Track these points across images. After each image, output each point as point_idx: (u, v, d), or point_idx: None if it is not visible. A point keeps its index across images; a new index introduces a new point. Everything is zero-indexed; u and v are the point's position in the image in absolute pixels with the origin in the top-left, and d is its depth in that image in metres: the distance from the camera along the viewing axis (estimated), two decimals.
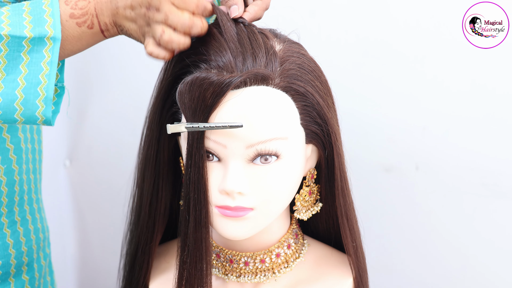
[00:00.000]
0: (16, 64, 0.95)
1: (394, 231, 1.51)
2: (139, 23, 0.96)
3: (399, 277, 1.53)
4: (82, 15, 0.97)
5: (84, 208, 1.84)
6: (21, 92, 0.95)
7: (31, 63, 0.95)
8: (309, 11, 1.48)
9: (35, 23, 0.94)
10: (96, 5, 0.97)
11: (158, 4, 0.94)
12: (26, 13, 0.95)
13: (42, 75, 0.96)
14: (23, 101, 0.96)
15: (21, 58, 0.95)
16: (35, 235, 1.21)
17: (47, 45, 0.95)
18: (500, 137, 1.38)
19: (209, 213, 0.97)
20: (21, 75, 0.95)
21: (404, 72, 1.43)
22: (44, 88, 0.96)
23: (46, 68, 0.96)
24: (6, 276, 1.15)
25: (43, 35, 0.94)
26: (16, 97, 0.95)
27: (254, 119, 0.94)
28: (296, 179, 1.01)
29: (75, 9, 0.96)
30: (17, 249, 1.16)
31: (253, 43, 0.97)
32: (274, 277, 1.07)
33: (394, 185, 1.49)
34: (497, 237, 1.42)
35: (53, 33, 0.95)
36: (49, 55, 0.95)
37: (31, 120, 0.97)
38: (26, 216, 1.18)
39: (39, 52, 0.95)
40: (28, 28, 0.94)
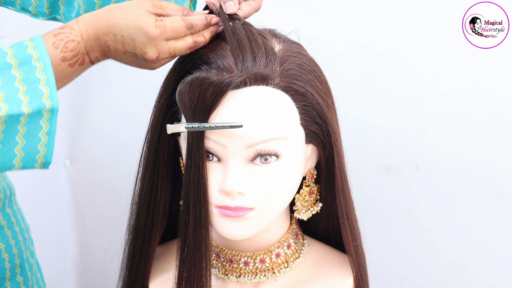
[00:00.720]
0: (12, 136, 0.91)
1: (394, 231, 1.51)
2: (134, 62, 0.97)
3: (399, 277, 1.53)
4: (74, 56, 0.94)
5: (84, 208, 1.84)
6: (18, 161, 0.93)
7: (28, 134, 0.92)
8: (309, 11, 1.48)
9: (31, 95, 0.90)
10: (85, 44, 0.95)
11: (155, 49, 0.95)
12: (18, 81, 0.90)
13: (41, 145, 0.93)
14: (21, 167, 0.94)
15: (18, 130, 0.91)
16: (22, 236, 1.20)
17: (44, 116, 0.91)
18: (500, 137, 1.38)
19: (209, 213, 0.98)
20: (17, 146, 0.92)
21: (404, 72, 1.43)
22: (43, 156, 0.94)
23: (45, 138, 0.93)
24: (3, 280, 1.15)
25: (41, 108, 0.90)
26: (13, 166, 0.93)
27: (254, 119, 0.94)
28: (296, 179, 1.01)
29: (65, 52, 0.93)
30: (9, 253, 1.16)
31: (252, 44, 0.97)
32: (274, 277, 1.07)
33: (394, 185, 1.49)
34: (497, 237, 1.42)
35: (51, 105, 0.91)
36: (47, 126, 0.92)
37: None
38: (10, 219, 1.18)
39: (36, 123, 0.91)
40: (24, 102, 0.89)
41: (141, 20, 0.94)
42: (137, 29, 0.94)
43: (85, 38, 0.94)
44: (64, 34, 0.94)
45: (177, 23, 0.95)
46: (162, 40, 0.95)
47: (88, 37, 0.95)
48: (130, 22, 0.94)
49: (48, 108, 0.91)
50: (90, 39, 0.95)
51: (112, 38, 0.95)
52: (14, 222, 1.19)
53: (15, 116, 0.89)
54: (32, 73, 0.90)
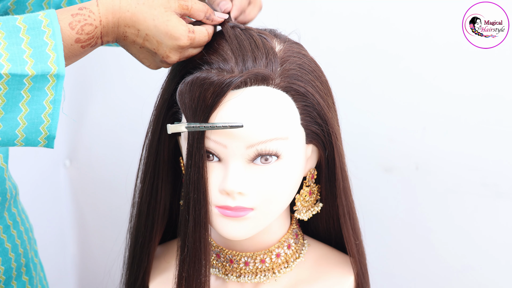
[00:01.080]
0: (15, 102, 0.88)
1: (394, 231, 1.51)
2: (147, 56, 0.98)
3: (399, 277, 1.53)
4: (88, 39, 0.92)
5: (84, 208, 1.84)
6: (21, 131, 0.90)
7: (32, 101, 0.89)
8: (309, 11, 1.48)
9: (37, 57, 0.88)
10: (102, 30, 0.93)
11: (179, 51, 0.96)
12: (25, 43, 0.88)
13: (45, 115, 0.90)
14: (24, 139, 0.91)
15: (21, 96, 0.88)
16: (26, 235, 1.21)
17: (49, 82, 0.89)
18: (500, 137, 1.38)
19: (209, 213, 0.98)
20: (21, 113, 0.89)
21: (404, 72, 1.43)
22: (47, 127, 0.91)
23: (49, 107, 0.90)
24: (9, 280, 1.15)
25: (46, 72, 0.88)
26: (17, 136, 0.90)
27: (255, 119, 0.94)
28: (296, 179, 1.01)
29: (81, 34, 0.91)
30: (16, 252, 1.16)
31: (252, 44, 0.97)
32: (274, 277, 1.07)
33: (394, 185, 1.49)
34: (497, 237, 1.42)
35: (56, 70, 0.88)
36: (52, 93, 0.89)
37: (31, 146, 0.94)
38: (16, 218, 1.19)
39: (41, 89, 0.89)
40: (29, 64, 0.87)
41: (173, 28, 0.94)
42: (167, 35, 0.94)
43: (104, 24, 0.93)
44: (83, 16, 0.92)
45: (204, 38, 0.97)
46: (188, 49, 0.97)
47: (107, 24, 0.93)
48: (160, 26, 0.93)
49: (54, 73, 0.88)
50: (109, 25, 0.93)
51: (134, 31, 0.94)
52: (19, 222, 1.19)
53: (18, 76, 0.87)
54: (40, 37, 0.88)
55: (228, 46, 0.97)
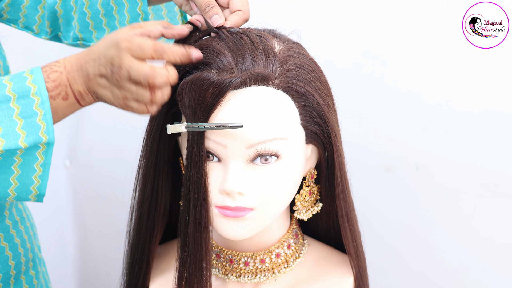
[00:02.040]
0: (8, 166, 0.93)
1: (394, 231, 1.51)
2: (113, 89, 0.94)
3: (399, 277, 1.53)
4: (56, 87, 0.93)
5: (84, 208, 1.84)
6: (13, 190, 0.94)
7: (24, 164, 0.93)
8: (309, 11, 1.48)
9: (28, 129, 0.91)
10: (68, 75, 0.94)
11: (119, 61, 0.91)
12: (16, 114, 0.91)
13: (35, 176, 0.94)
14: (16, 197, 0.96)
15: (13, 160, 0.93)
16: (32, 231, 1.23)
17: (40, 148, 0.93)
18: (500, 137, 1.38)
19: (209, 213, 0.98)
20: (13, 175, 0.93)
21: (404, 72, 1.43)
22: (38, 187, 0.95)
23: (39, 170, 0.94)
24: (18, 274, 1.17)
25: (37, 142, 0.92)
26: (8, 195, 0.95)
27: (254, 119, 0.94)
28: (296, 179, 1.01)
29: (48, 82, 0.93)
30: (24, 247, 1.18)
31: (252, 44, 0.97)
32: (274, 277, 1.07)
33: (394, 185, 1.49)
34: (497, 237, 1.42)
35: (47, 139, 0.92)
36: (42, 158, 0.94)
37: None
38: (22, 214, 1.21)
39: (32, 155, 0.93)
40: (21, 137, 0.91)
41: (115, 34, 0.92)
42: (111, 44, 0.92)
43: (68, 69, 0.94)
44: (50, 66, 0.94)
45: (145, 42, 0.91)
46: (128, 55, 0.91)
47: (71, 68, 0.94)
48: (107, 41, 0.93)
49: (45, 142, 0.92)
50: (73, 69, 0.94)
51: (91, 64, 0.93)
52: (25, 218, 1.21)
53: (12, 150, 0.91)
54: (30, 107, 0.92)
55: (227, 47, 0.97)
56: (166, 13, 1.22)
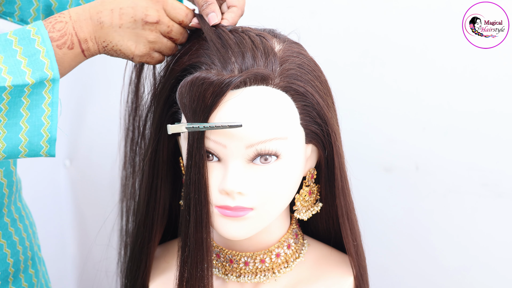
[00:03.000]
0: (17, 108, 0.94)
1: (394, 231, 1.51)
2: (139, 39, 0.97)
3: (399, 277, 1.53)
4: (61, 36, 0.95)
5: (84, 208, 1.84)
6: (24, 135, 0.95)
7: (32, 105, 0.94)
8: (309, 11, 1.48)
9: (33, 66, 0.93)
10: (74, 24, 0.96)
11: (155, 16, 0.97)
12: (19, 54, 0.93)
13: (45, 117, 0.95)
14: (28, 144, 0.95)
15: (22, 101, 0.94)
16: (31, 229, 1.23)
17: (46, 86, 0.94)
18: (500, 137, 1.38)
19: (210, 213, 0.97)
20: (23, 118, 0.94)
21: (404, 72, 1.43)
22: (48, 129, 0.95)
23: (48, 110, 0.95)
24: (17, 272, 1.17)
25: (43, 78, 0.93)
26: (20, 141, 0.95)
27: (254, 119, 0.94)
28: (296, 179, 1.01)
29: (53, 32, 0.95)
30: (23, 245, 1.18)
31: (251, 44, 0.97)
32: (274, 277, 1.07)
33: (394, 185, 1.49)
34: (497, 237, 1.42)
35: (52, 75, 0.93)
36: (49, 96, 0.94)
37: (34, 156, 0.98)
38: (21, 212, 1.21)
39: (39, 94, 0.94)
40: (27, 73, 0.92)
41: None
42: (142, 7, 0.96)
43: (74, 18, 0.96)
44: (54, 18, 0.97)
45: (178, 4, 0.98)
46: (162, 9, 0.97)
47: (78, 17, 0.96)
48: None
49: (50, 78, 0.94)
50: (80, 19, 0.96)
51: (107, 13, 0.96)
52: (24, 216, 1.21)
53: (20, 86, 0.92)
54: (32, 46, 0.93)
55: (227, 46, 0.97)
56: None
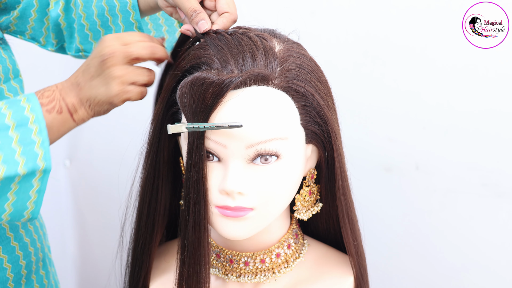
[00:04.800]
0: (4, 193, 0.95)
1: (394, 231, 1.51)
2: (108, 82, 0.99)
3: (399, 277, 1.53)
4: (50, 102, 0.98)
5: (84, 208, 1.84)
6: (7, 215, 0.97)
7: (19, 191, 0.95)
8: (309, 11, 1.48)
9: (27, 156, 0.94)
10: (60, 92, 0.99)
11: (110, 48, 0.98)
12: (15, 142, 0.94)
13: (30, 202, 0.97)
14: (8, 221, 0.98)
15: (10, 188, 0.95)
16: (42, 231, 1.25)
17: (36, 176, 0.95)
18: (500, 137, 1.38)
19: (209, 213, 0.97)
20: (8, 202, 0.96)
21: (404, 72, 1.43)
22: (31, 212, 0.98)
23: (34, 196, 0.97)
24: (30, 274, 1.18)
25: (35, 169, 0.94)
26: (1, 219, 0.97)
27: (254, 119, 0.94)
28: (296, 179, 1.01)
29: (42, 98, 0.98)
30: (34, 246, 1.20)
31: (251, 44, 0.97)
32: (274, 277, 1.07)
33: (394, 185, 1.49)
34: (497, 237, 1.42)
35: (44, 166, 0.95)
36: (38, 184, 0.96)
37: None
38: None
39: (28, 181, 0.95)
40: (20, 164, 0.93)
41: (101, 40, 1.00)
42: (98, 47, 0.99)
43: (60, 87, 1.00)
44: (43, 89, 1.00)
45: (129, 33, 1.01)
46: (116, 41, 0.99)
47: (63, 86, 1.00)
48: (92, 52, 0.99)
49: (42, 169, 0.95)
50: (65, 87, 1.00)
51: (80, 75, 1.00)
52: None
53: (12, 177, 0.93)
54: (28, 135, 0.95)
55: (227, 47, 0.97)
56: (163, 21, 1.25)
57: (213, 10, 1.04)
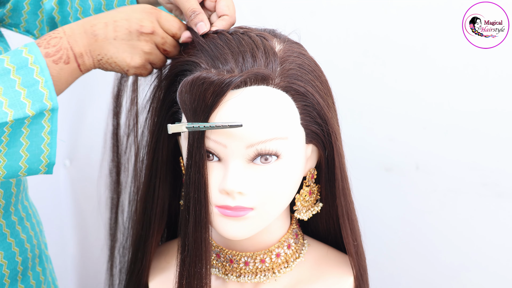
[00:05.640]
0: (17, 138, 0.95)
1: (394, 231, 1.51)
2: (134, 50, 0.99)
3: (399, 277, 1.53)
4: (57, 51, 0.97)
5: (84, 208, 1.84)
6: (24, 163, 0.96)
7: (32, 134, 0.95)
8: (309, 11, 1.48)
9: (33, 97, 0.94)
10: (68, 39, 0.97)
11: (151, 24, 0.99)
12: (18, 84, 0.93)
13: (44, 145, 0.96)
14: (27, 170, 0.97)
15: (22, 131, 0.95)
16: (38, 228, 1.25)
17: (45, 116, 0.95)
18: (500, 137, 1.38)
19: (209, 213, 0.98)
20: (22, 147, 0.95)
21: (404, 72, 1.43)
22: (47, 155, 0.97)
23: (47, 138, 0.96)
24: (26, 270, 1.18)
25: (43, 109, 0.94)
26: (20, 168, 0.96)
27: (254, 119, 0.94)
28: (296, 179, 1.01)
29: (48, 47, 0.96)
30: (30, 243, 1.20)
31: (252, 44, 0.97)
32: (274, 277, 1.07)
33: (394, 185, 1.49)
34: (497, 237, 1.42)
35: (51, 105, 0.95)
36: (48, 125, 0.96)
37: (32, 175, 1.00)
38: (28, 211, 1.22)
39: (39, 123, 0.95)
40: (27, 105, 0.93)
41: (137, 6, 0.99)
42: (133, 10, 0.98)
43: (68, 33, 0.98)
44: (48, 34, 0.98)
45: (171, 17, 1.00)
46: (156, 21, 0.99)
47: (72, 32, 0.98)
48: (124, 9, 0.98)
49: (49, 108, 0.94)
50: (74, 33, 0.98)
51: (101, 26, 0.98)
52: (31, 214, 1.23)
53: (21, 119, 0.93)
54: (30, 76, 0.94)
55: (227, 46, 0.97)
56: None
57: (212, 11, 1.04)
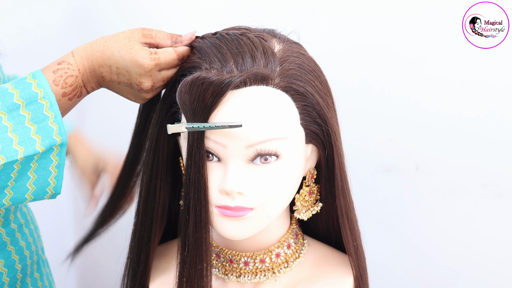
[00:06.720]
0: (25, 172, 0.95)
1: (394, 231, 1.51)
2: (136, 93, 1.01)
3: (399, 277, 1.53)
4: (73, 90, 0.98)
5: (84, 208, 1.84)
6: (30, 195, 0.97)
7: (39, 168, 0.96)
8: (309, 11, 1.48)
9: (42, 133, 0.94)
10: (82, 77, 0.99)
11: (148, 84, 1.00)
12: (28, 120, 0.94)
13: (51, 178, 0.97)
14: (32, 200, 0.98)
15: (30, 166, 0.95)
16: (36, 233, 1.24)
17: (54, 150, 0.95)
18: (500, 137, 1.38)
19: (209, 213, 0.98)
20: (30, 180, 0.96)
21: (404, 72, 1.43)
22: (54, 187, 0.98)
23: (55, 171, 0.97)
24: (25, 277, 1.19)
25: (52, 145, 0.95)
26: (25, 199, 0.97)
27: (254, 119, 0.94)
28: (296, 179, 1.01)
29: (65, 87, 0.97)
30: (29, 250, 1.20)
31: (251, 45, 0.97)
32: (274, 277, 1.07)
33: (394, 185, 1.49)
34: (497, 237, 1.42)
35: (60, 140, 0.95)
36: (56, 159, 0.96)
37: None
38: (27, 217, 1.22)
39: (47, 158, 0.95)
40: (37, 142, 0.93)
41: (135, 53, 0.97)
42: (132, 62, 0.97)
43: (82, 72, 0.98)
44: (63, 70, 0.97)
45: (170, 56, 0.99)
46: (156, 71, 0.99)
47: (85, 71, 0.98)
48: (125, 55, 0.97)
49: (59, 144, 0.95)
50: (87, 72, 0.99)
51: (107, 69, 0.98)
52: (30, 221, 1.23)
53: (31, 156, 0.93)
54: (40, 112, 0.94)
55: (227, 47, 0.97)
56: None
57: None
